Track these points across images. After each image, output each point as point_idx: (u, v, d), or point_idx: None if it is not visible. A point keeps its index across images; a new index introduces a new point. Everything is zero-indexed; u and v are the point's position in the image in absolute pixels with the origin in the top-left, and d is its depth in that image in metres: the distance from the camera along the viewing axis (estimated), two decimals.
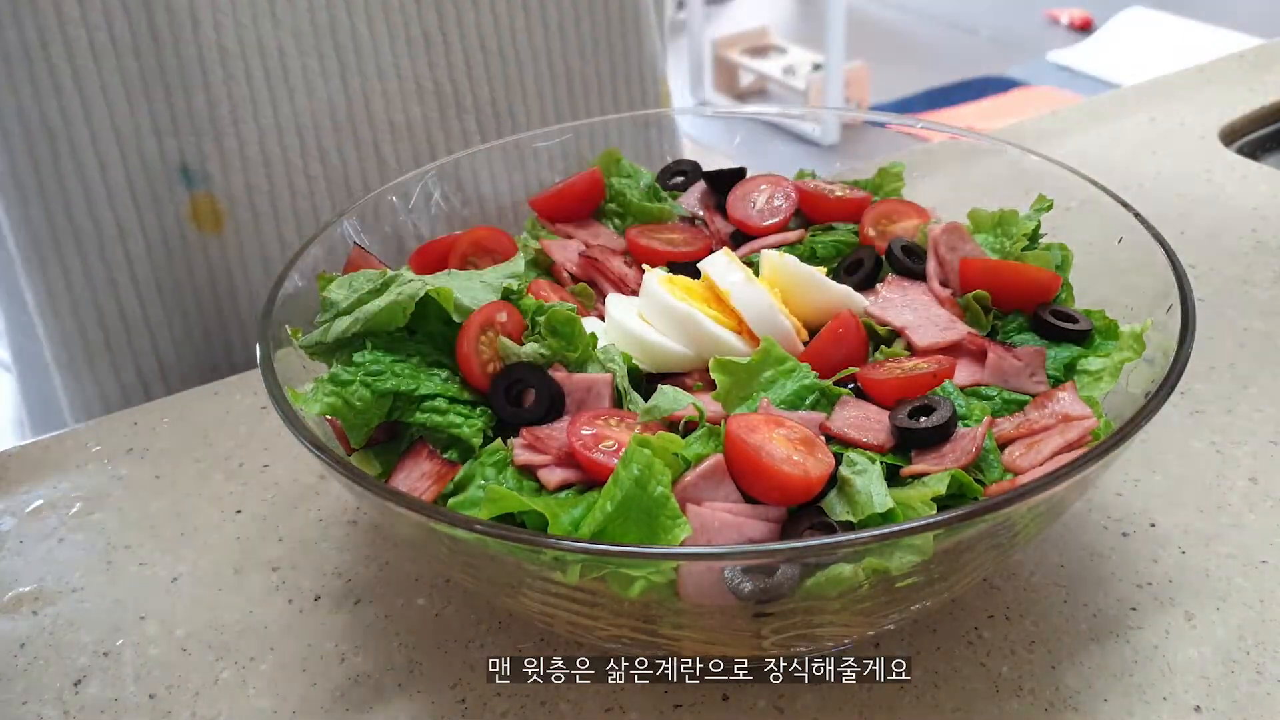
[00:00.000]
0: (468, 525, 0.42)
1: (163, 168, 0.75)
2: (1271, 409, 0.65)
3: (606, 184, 0.69)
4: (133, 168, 0.75)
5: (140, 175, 0.76)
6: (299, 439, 0.47)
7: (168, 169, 0.76)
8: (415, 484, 0.48)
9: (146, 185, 0.76)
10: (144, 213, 0.76)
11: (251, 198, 0.78)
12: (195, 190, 0.77)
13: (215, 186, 0.77)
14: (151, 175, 0.76)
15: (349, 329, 0.51)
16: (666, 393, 0.50)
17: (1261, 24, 3.60)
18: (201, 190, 0.77)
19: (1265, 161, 0.98)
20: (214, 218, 0.77)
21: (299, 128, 0.78)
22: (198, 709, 0.51)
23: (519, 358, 0.51)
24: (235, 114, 0.75)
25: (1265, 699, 0.48)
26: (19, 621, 0.56)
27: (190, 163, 0.76)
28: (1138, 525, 0.58)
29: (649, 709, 0.50)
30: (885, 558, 0.41)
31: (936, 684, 0.50)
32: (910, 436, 0.48)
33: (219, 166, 0.77)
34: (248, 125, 0.76)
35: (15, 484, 0.66)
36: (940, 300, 0.58)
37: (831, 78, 3.45)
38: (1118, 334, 0.55)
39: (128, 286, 0.79)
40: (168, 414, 0.71)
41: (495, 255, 0.63)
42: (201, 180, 0.76)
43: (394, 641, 0.54)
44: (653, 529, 0.43)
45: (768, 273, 0.59)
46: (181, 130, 0.75)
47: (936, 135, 0.77)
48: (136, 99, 0.73)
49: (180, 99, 0.74)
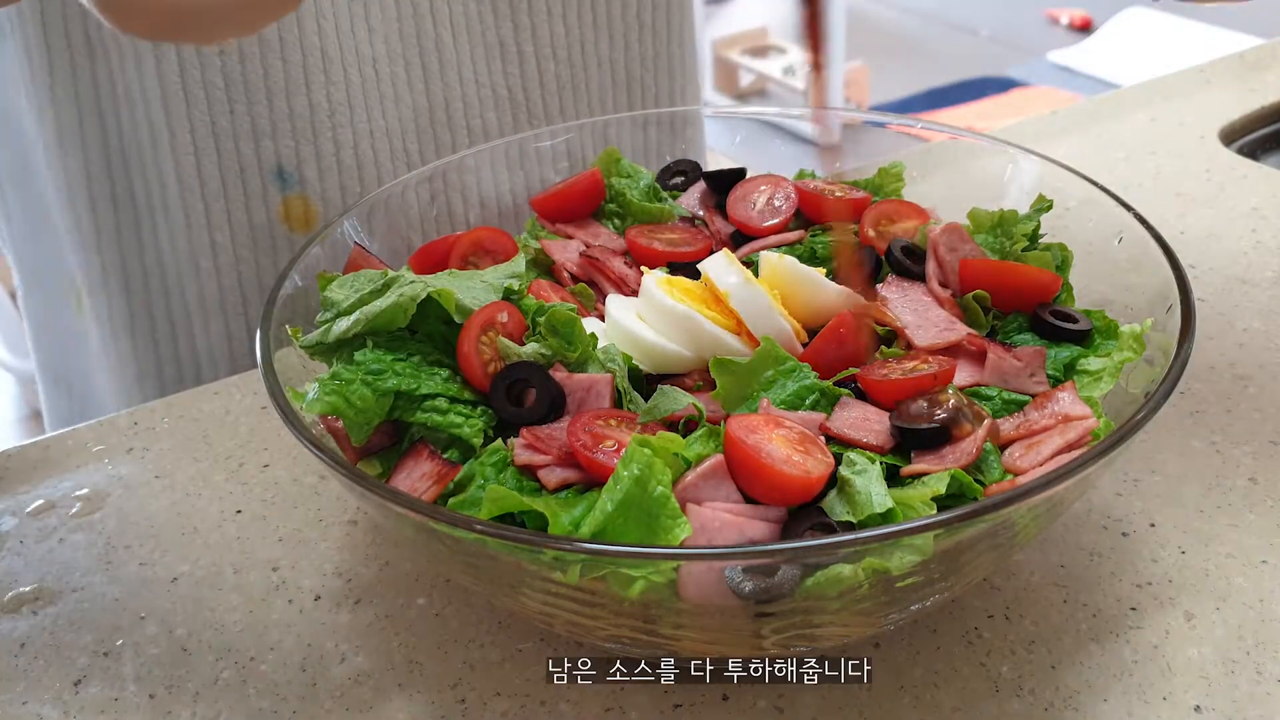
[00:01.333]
0: (468, 525, 0.42)
1: (259, 168, 0.78)
2: (1271, 409, 0.65)
3: (606, 184, 0.69)
4: (228, 167, 0.77)
5: (235, 174, 0.78)
6: (299, 439, 0.47)
7: (264, 170, 0.78)
8: (415, 484, 0.48)
9: (240, 184, 0.78)
10: (233, 207, 0.78)
11: (345, 199, 0.81)
12: (289, 192, 0.79)
13: (310, 188, 0.79)
14: (247, 175, 0.78)
15: (350, 329, 0.51)
16: (666, 393, 0.51)
17: (1261, 24, 3.60)
18: (295, 192, 0.79)
19: (1265, 161, 0.98)
20: (305, 219, 0.80)
21: (388, 132, 0.80)
22: (198, 709, 0.51)
23: (519, 357, 0.51)
24: (333, 119, 0.78)
25: (1265, 699, 0.48)
26: (19, 621, 0.56)
27: (286, 165, 0.78)
28: (1138, 525, 0.58)
29: (649, 709, 0.50)
30: (885, 558, 0.41)
31: (936, 684, 0.50)
32: (910, 437, 0.48)
33: (315, 169, 0.79)
34: (344, 130, 0.78)
35: (15, 484, 0.66)
36: (940, 301, 0.58)
37: (831, 78, 3.45)
38: (1118, 334, 0.55)
39: (209, 271, 0.80)
40: (168, 414, 0.71)
41: (495, 255, 0.63)
42: (296, 182, 0.79)
43: (394, 641, 0.54)
44: (653, 529, 0.43)
45: (766, 273, 0.59)
46: (280, 133, 0.77)
47: (936, 135, 0.77)
48: (238, 99, 0.75)
49: (281, 103, 0.76)
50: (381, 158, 0.80)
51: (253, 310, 0.82)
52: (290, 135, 0.77)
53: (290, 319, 0.56)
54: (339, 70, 0.76)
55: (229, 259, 0.80)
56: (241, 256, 0.80)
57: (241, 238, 0.79)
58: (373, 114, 0.79)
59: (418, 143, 0.82)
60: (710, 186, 0.70)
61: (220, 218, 0.78)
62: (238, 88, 0.75)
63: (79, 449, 0.68)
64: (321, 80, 0.76)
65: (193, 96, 0.74)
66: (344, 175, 0.80)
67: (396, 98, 0.80)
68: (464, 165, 0.72)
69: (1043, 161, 0.65)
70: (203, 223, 0.78)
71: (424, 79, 0.80)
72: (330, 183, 0.80)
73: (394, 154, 0.81)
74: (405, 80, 0.80)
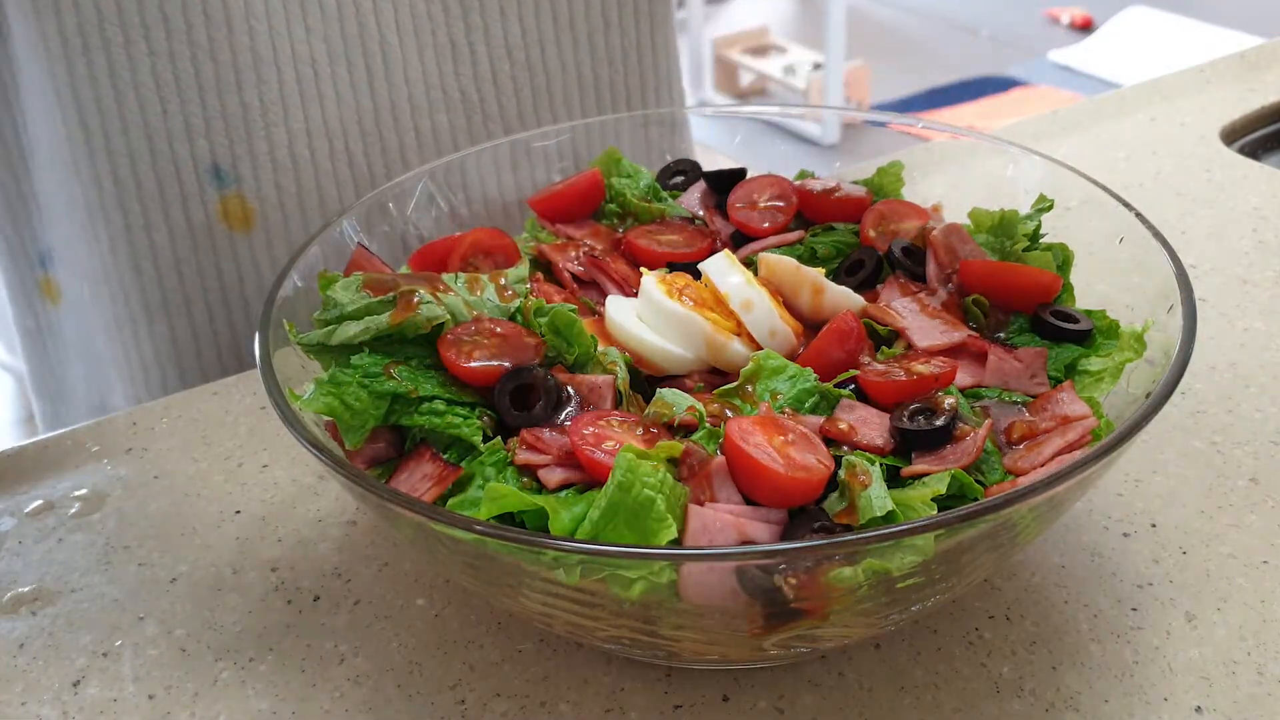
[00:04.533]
0: (467, 525, 0.41)
1: (194, 166, 0.77)
2: (1272, 409, 0.65)
3: (606, 184, 0.69)
4: (163, 165, 0.77)
5: (170, 172, 0.77)
6: (299, 439, 0.47)
7: (199, 168, 0.77)
8: (415, 485, 0.48)
9: (176, 183, 0.77)
10: (171, 207, 0.78)
11: (281, 199, 0.80)
12: (226, 190, 0.78)
13: (246, 187, 0.78)
14: (183, 173, 0.77)
15: (357, 336, 0.51)
16: (666, 395, 0.50)
17: (1261, 24, 3.60)
18: (232, 190, 0.78)
19: (1265, 161, 0.98)
20: (244, 218, 0.79)
21: (328, 133, 0.80)
22: (197, 709, 0.51)
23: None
24: (267, 117, 0.77)
25: (1266, 699, 0.48)
26: (19, 621, 0.56)
27: (222, 163, 0.77)
28: (1138, 525, 0.58)
29: (649, 709, 0.50)
30: (886, 558, 0.41)
31: (936, 684, 0.50)
32: (910, 438, 0.48)
33: (250, 168, 0.78)
34: (278, 129, 0.78)
35: (15, 484, 0.66)
36: (941, 302, 0.58)
37: (831, 77, 3.45)
38: (1119, 334, 0.55)
39: (150, 274, 0.80)
40: (167, 414, 0.71)
41: (496, 257, 0.63)
42: (233, 181, 0.78)
43: (394, 641, 0.54)
44: (643, 531, 0.43)
45: (766, 274, 0.59)
46: (214, 131, 0.76)
47: (936, 135, 0.77)
48: (170, 99, 0.75)
49: (214, 101, 0.75)
50: (320, 157, 0.80)
51: (196, 311, 0.81)
52: (224, 134, 0.77)
53: (290, 319, 0.56)
54: (271, 70, 0.76)
55: (169, 260, 0.79)
56: (182, 258, 0.79)
57: (181, 238, 0.79)
58: (310, 114, 0.78)
59: (362, 143, 0.81)
60: (710, 186, 0.70)
61: (158, 218, 0.78)
62: (169, 87, 0.74)
63: (78, 449, 0.68)
64: (253, 79, 0.75)
65: (123, 96, 0.74)
66: (279, 174, 0.79)
67: (338, 98, 0.79)
68: (464, 165, 0.72)
69: (1043, 161, 0.64)
70: (141, 224, 0.78)
71: (368, 80, 0.79)
72: (266, 181, 0.79)
73: (334, 154, 0.80)
74: (348, 80, 0.79)
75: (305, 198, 0.81)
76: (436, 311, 0.51)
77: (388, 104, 0.81)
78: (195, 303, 0.81)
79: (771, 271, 0.59)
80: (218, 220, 0.79)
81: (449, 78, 0.82)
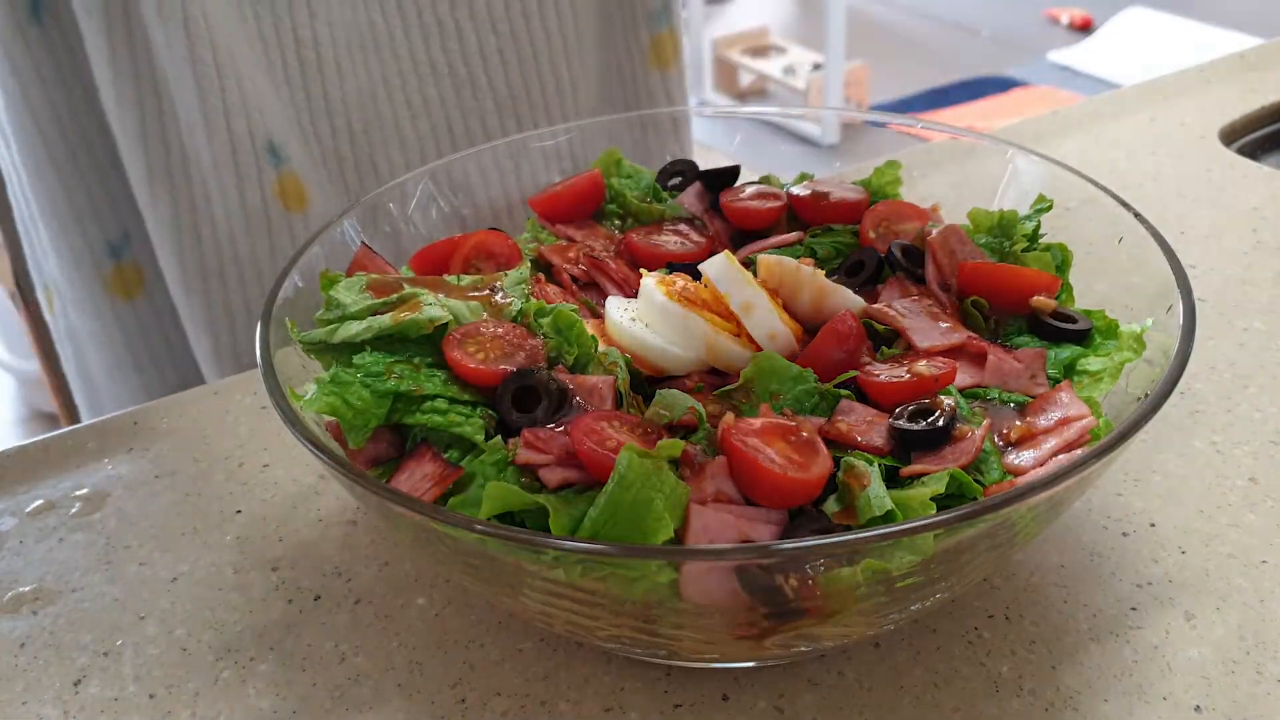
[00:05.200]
0: (468, 525, 0.42)
1: (251, 145, 0.80)
2: (1271, 409, 0.65)
3: (607, 184, 0.69)
4: (219, 144, 0.79)
5: (226, 152, 0.80)
6: (299, 439, 0.47)
7: (257, 147, 0.80)
8: (416, 485, 0.48)
9: (232, 161, 0.80)
10: (226, 184, 0.81)
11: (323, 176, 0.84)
12: (282, 168, 0.82)
13: (296, 166, 0.82)
14: (240, 151, 0.80)
15: (359, 335, 0.51)
16: (666, 395, 0.51)
17: (1261, 24, 3.61)
18: (287, 169, 0.82)
19: (1265, 161, 0.98)
20: (299, 197, 0.83)
21: (330, 111, 0.83)
22: (198, 709, 0.51)
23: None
24: (294, 98, 0.81)
25: (1265, 699, 0.48)
26: (19, 621, 0.56)
27: (276, 141, 0.81)
28: (1138, 525, 0.58)
29: (649, 709, 0.50)
30: (885, 558, 0.41)
31: (936, 684, 0.50)
32: (909, 439, 0.48)
33: (295, 144, 0.82)
34: (290, 106, 0.81)
35: (15, 484, 0.66)
36: (940, 303, 0.58)
37: (831, 78, 3.45)
38: (1118, 334, 0.55)
39: (201, 248, 0.82)
40: (168, 414, 0.71)
41: (498, 259, 0.63)
42: (285, 159, 0.82)
43: (394, 641, 0.54)
44: (642, 530, 0.43)
45: (765, 275, 0.59)
46: (268, 110, 0.79)
47: (936, 135, 0.77)
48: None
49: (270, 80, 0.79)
50: (323, 134, 0.84)
51: (252, 298, 0.83)
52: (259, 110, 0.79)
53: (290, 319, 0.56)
54: (276, 53, 0.80)
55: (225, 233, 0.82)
56: (236, 235, 0.82)
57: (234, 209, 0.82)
58: (312, 91, 0.83)
59: (361, 117, 0.84)
60: (705, 186, 0.70)
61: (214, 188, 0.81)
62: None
63: (79, 449, 0.68)
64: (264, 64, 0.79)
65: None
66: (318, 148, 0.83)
67: (340, 78, 0.83)
68: (464, 165, 0.72)
69: (1043, 161, 0.65)
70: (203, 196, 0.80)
71: (364, 59, 0.83)
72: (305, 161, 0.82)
73: (335, 131, 0.84)
74: (349, 60, 0.82)
75: (319, 173, 0.84)
76: (439, 312, 0.51)
77: (381, 80, 0.84)
78: (250, 283, 0.84)
79: (771, 272, 0.59)
80: (274, 199, 0.81)
81: (436, 53, 0.85)
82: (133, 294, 0.89)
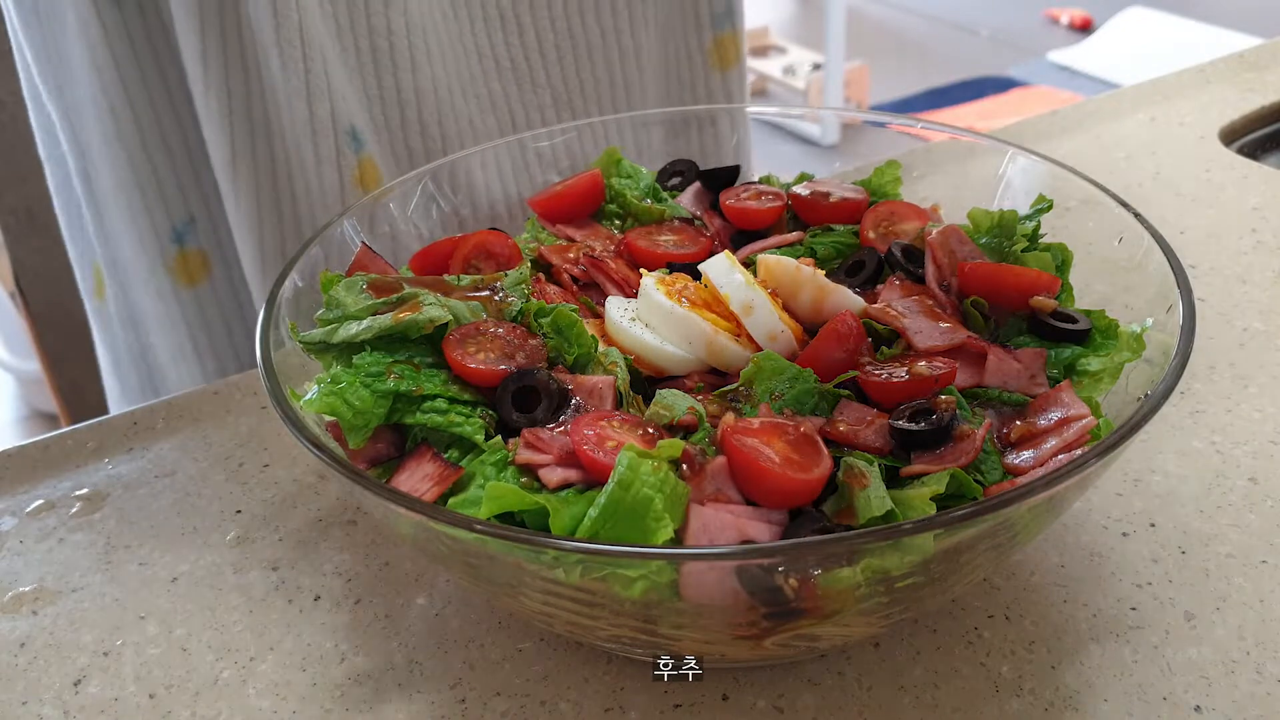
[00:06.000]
0: (468, 525, 0.42)
1: (333, 128, 0.80)
2: (1271, 409, 0.65)
3: (606, 184, 0.69)
4: (300, 124, 0.79)
5: (307, 133, 0.80)
6: (299, 439, 0.47)
7: (338, 130, 0.80)
8: (416, 485, 0.48)
9: (312, 143, 0.80)
10: (307, 163, 0.81)
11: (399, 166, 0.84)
12: (362, 153, 0.82)
13: (372, 151, 0.83)
14: (320, 134, 0.80)
15: (359, 334, 0.51)
16: (666, 395, 0.51)
17: (1261, 24, 3.60)
18: (366, 154, 0.82)
19: (1265, 161, 0.98)
20: (377, 182, 0.83)
21: (400, 103, 0.84)
22: (198, 709, 0.51)
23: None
24: (365, 86, 0.81)
25: (1265, 699, 0.48)
26: (19, 621, 0.56)
27: (357, 126, 0.81)
28: (1138, 525, 0.58)
29: (649, 709, 0.50)
30: (885, 558, 0.41)
31: (936, 684, 0.50)
32: (909, 439, 0.48)
33: (368, 133, 0.82)
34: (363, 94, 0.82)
35: (15, 484, 0.66)
36: (940, 303, 0.58)
37: (831, 78, 3.45)
38: (1118, 334, 0.55)
39: (274, 233, 0.82)
40: (168, 414, 0.71)
41: (498, 259, 0.63)
42: (363, 145, 0.82)
43: (394, 641, 0.54)
44: (641, 530, 0.43)
45: (765, 276, 0.59)
46: (348, 95, 0.80)
47: (936, 135, 0.77)
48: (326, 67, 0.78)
49: (356, 69, 0.80)
50: (393, 126, 0.85)
51: None
52: (343, 97, 0.80)
53: (290, 315, 0.56)
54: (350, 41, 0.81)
55: (304, 209, 0.83)
56: (316, 215, 0.83)
57: (316, 191, 0.82)
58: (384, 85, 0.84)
59: (436, 111, 0.85)
60: (705, 185, 0.70)
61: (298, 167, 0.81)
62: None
63: (79, 449, 0.68)
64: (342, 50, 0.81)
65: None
66: (396, 139, 0.84)
67: (413, 67, 0.84)
68: (467, 165, 0.72)
69: (1043, 161, 0.65)
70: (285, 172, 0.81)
71: (441, 53, 0.83)
72: (384, 147, 0.84)
73: (424, 119, 0.86)
74: (424, 52, 0.83)
75: (386, 162, 0.84)
76: (439, 312, 0.51)
77: (455, 74, 0.85)
78: None
79: (771, 273, 0.59)
80: (354, 186, 0.82)
81: (499, 48, 0.86)
82: (196, 280, 0.89)
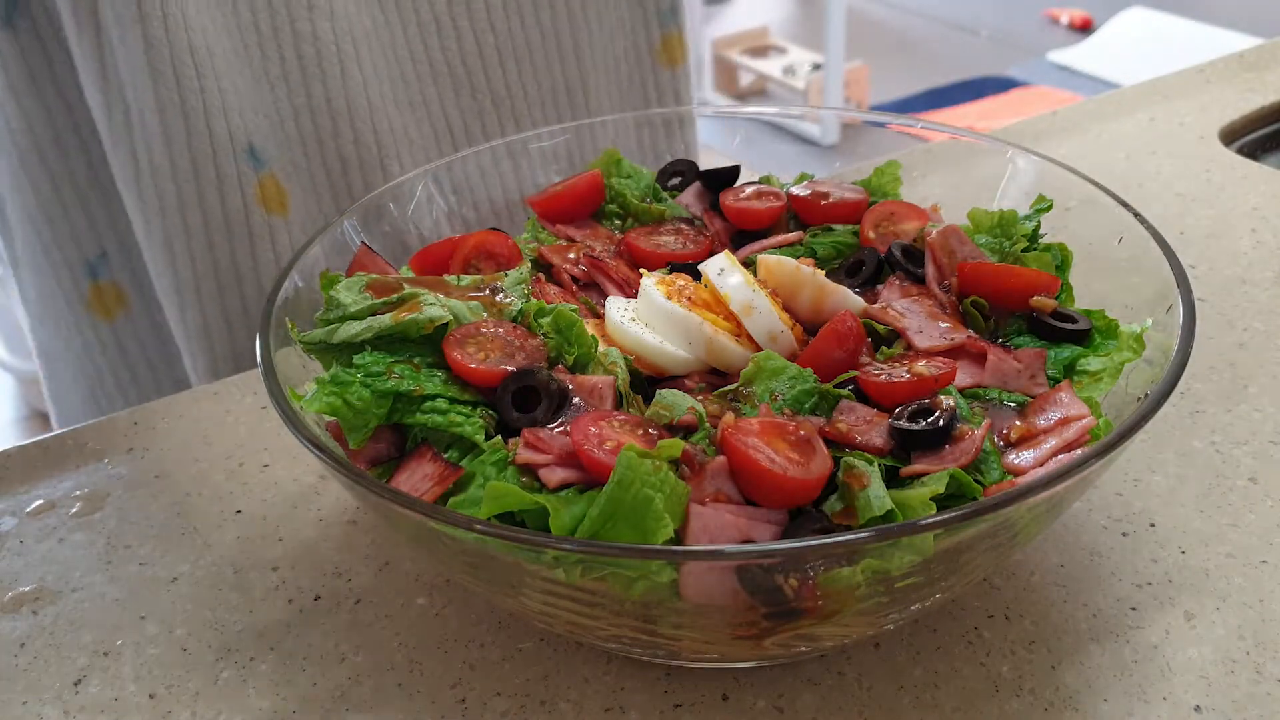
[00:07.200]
0: (468, 525, 0.42)
1: (231, 147, 0.77)
2: (1271, 409, 0.65)
3: (606, 184, 0.69)
4: (199, 145, 0.77)
5: (207, 154, 0.77)
6: (299, 439, 0.47)
7: (236, 149, 0.78)
8: (416, 485, 0.48)
9: (213, 164, 0.77)
10: (208, 184, 0.78)
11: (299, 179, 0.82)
12: (262, 172, 0.79)
13: (275, 166, 0.80)
14: (220, 153, 0.77)
15: (359, 334, 0.51)
16: (666, 395, 0.51)
17: (1261, 24, 3.61)
18: (266, 172, 0.79)
19: (1265, 161, 0.98)
20: (280, 200, 0.80)
21: (331, 111, 0.82)
22: (198, 709, 0.51)
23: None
24: (292, 95, 0.79)
25: (1265, 699, 0.48)
26: (19, 621, 0.56)
27: (255, 144, 0.79)
28: (1138, 525, 0.58)
29: (649, 709, 0.50)
30: (885, 558, 0.41)
31: (936, 684, 0.50)
32: (909, 439, 0.48)
33: (274, 146, 0.80)
34: (284, 105, 0.79)
35: (15, 484, 0.66)
36: (940, 303, 0.58)
37: (831, 78, 3.46)
38: (1118, 334, 0.55)
39: (184, 257, 0.80)
40: (168, 414, 0.71)
41: (499, 259, 0.63)
42: (262, 163, 0.79)
43: (394, 641, 0.54)
44: (641, 530, 0.43)
45: (765, 276, 0.59)
46: (245, 111, 0.77)
47: (936, 135, 0.77)
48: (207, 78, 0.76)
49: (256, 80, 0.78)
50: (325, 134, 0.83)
51: (230, 307, 0.82)
52: (250, 111, 0.78)
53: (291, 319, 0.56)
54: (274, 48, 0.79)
55: (201, 244, 0.80)
56: (215, 243, 0.80)
57: (214, 216, 0.80)
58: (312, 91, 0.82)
59: (369, 117, 0.83)
60: (705, 185, 0.70)
61: (191, 195, 0.78)
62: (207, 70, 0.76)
63: (79, 449, 0.68)
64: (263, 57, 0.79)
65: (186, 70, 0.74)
66: (293, 151, 0.82)
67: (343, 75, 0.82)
68: (464, 165, 0.72)
69: (1043, 161, 0.65)
70: (175, 205, 0.78)
71: (369, 56, 0.82)
72: (284, 160, 0.81)
73: (338, 130, 0.83)
74: (352, 56, 0.81)
75: (314, 173, 0.82)
76: (439, 312, 0.51)
77: (385, 80, 0.83)
78: (229, 289, 0.81)
79: (771, 273, 0.59)
80: (256, 204, 0.79)
81: (435, 52, 0.84)
82: (112, 314, 0.88)
